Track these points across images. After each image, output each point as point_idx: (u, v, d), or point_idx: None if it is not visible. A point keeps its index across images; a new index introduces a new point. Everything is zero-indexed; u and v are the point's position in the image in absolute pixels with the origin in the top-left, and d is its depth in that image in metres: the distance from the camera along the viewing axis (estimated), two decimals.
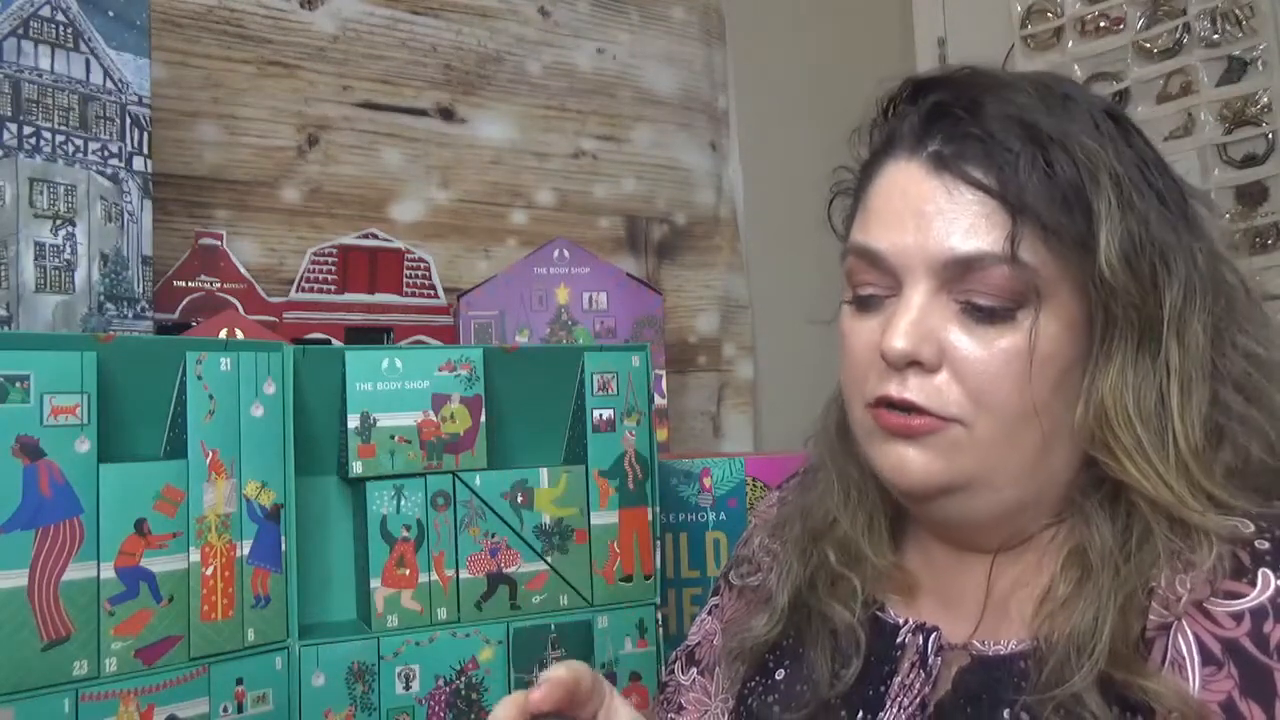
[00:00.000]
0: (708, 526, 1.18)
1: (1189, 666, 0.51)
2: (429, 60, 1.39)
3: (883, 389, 0.59)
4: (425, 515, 0.89)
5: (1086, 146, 0.56)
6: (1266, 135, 1.46)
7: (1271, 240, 1.46)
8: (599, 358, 0.97)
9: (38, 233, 0.89)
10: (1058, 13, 1.66)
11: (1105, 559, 0.55)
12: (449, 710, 0.88)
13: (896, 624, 0.65)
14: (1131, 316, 0.56)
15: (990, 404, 0.57)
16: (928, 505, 0.62)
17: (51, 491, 0.71)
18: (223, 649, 0.78)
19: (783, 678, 0.69)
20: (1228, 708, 0.49)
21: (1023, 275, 0.56)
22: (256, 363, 0.83)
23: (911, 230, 0.58)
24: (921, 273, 0.58)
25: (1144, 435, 0.55)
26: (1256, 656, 0.49)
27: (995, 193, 0.56)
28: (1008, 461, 0.58)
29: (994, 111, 0.57)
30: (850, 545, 0.68)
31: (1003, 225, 0.56)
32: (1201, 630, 0.51)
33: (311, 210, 1.28)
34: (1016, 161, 0.56)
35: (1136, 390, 0.55)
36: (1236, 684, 0.49)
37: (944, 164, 0.58)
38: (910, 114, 0.61)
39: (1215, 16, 1.50)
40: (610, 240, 1.52)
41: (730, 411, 1.60)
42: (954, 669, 0.61)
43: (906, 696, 0.61)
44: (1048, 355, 0.56)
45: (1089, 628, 0.53)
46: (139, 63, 0.98)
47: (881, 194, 0.61)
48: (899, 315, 0.58)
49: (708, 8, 1.66)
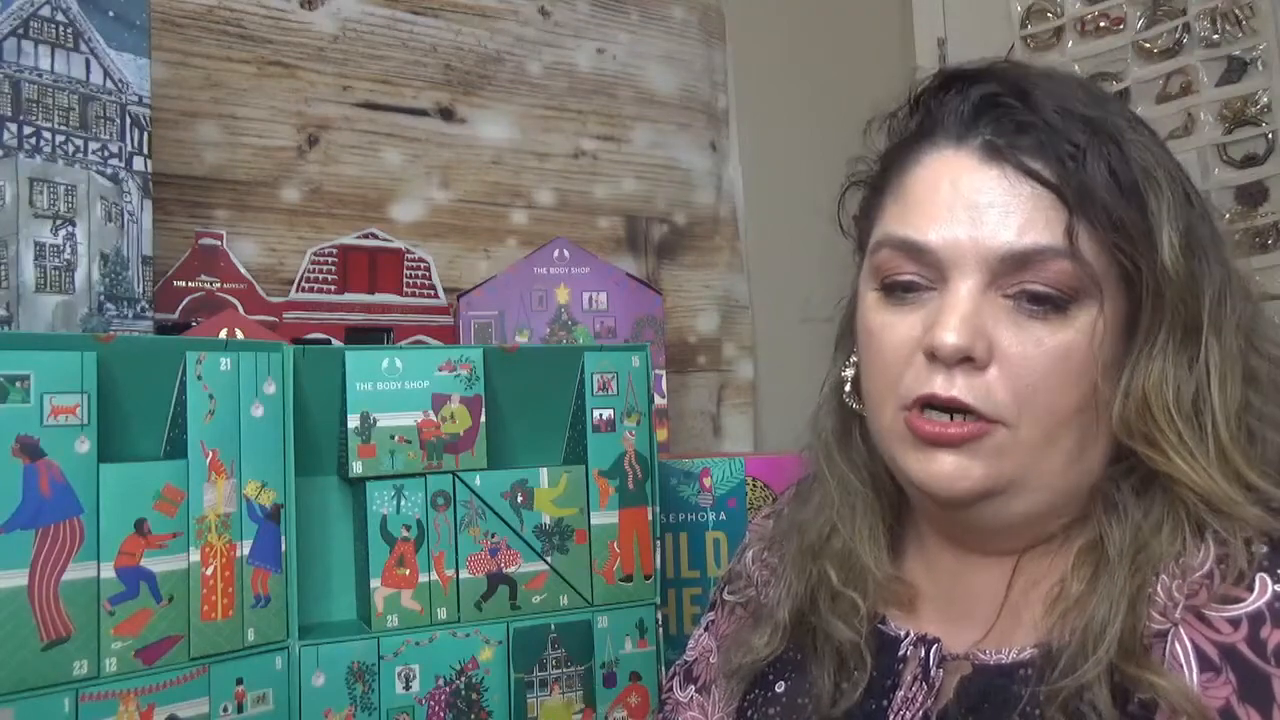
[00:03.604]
0: (708, 526, 1.18)
1: (1187, 673, 0.51)
2: (429, 60, 1.39)
3: (927, 388, 0.57)
4: (425, 515, 0.89)
5: (1141, 144, 0.56)
6: (1266, 135, 1.46)
7: (1271, 240, 1.46)
8: (599, 358, 0.97)
9: (38, 233, 0.89)
10: (1058, 13, 1.66)
11: (1123, 552, 0.55)
12: (449, 710, 0.88)
13: (898, 636, 0.64)
14: (1180, 311, 0.55)
15: (1038, 403, 0.55)
16: (963, 512, 0.60)
17: (51, 491, 0.71)
18: (223, 649, 0.78)
19: (784, 690, 0.68)
20: (1226, 713, 0.49)
21: (1080, 269, 0.55)
22: (256, 363, 0.83)
23: (965, 223, 0.56)
24: (973, 267, 0.56)
25: (1184, 428, 0.54)
26: (1254, 662, 0.49)
27: (1054, 185, 0.55)
28: (1048, 463, 0.57)
29: (1047, 103, 0.56)
30: (851, 559, 0.66)
31: (1060, 219, 0.55)
32: (1199, 636, 0.51)
33: (311, 210, 1.28)
34: (1079, 154, 0.55)
35: (1177, 384, 0.55)
36: (1235, 690, 0.49)
37: (999, 154, 0.56)
38: (954, 102, 0.59)
39: (1215, 16, 1.50)
40: (610, 240, 1.52)
41: (730, 411, 1.60)
42: (956, 679, 0.60)
43: (909, 710, 0.61)
44: (1096, 353, 0.56)
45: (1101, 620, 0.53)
46: (139, 63, 0.98)
47: (925, 184, 0.59)
48: (949, 310, 0.56)
49: (708, 8, 1.66)
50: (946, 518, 0.63)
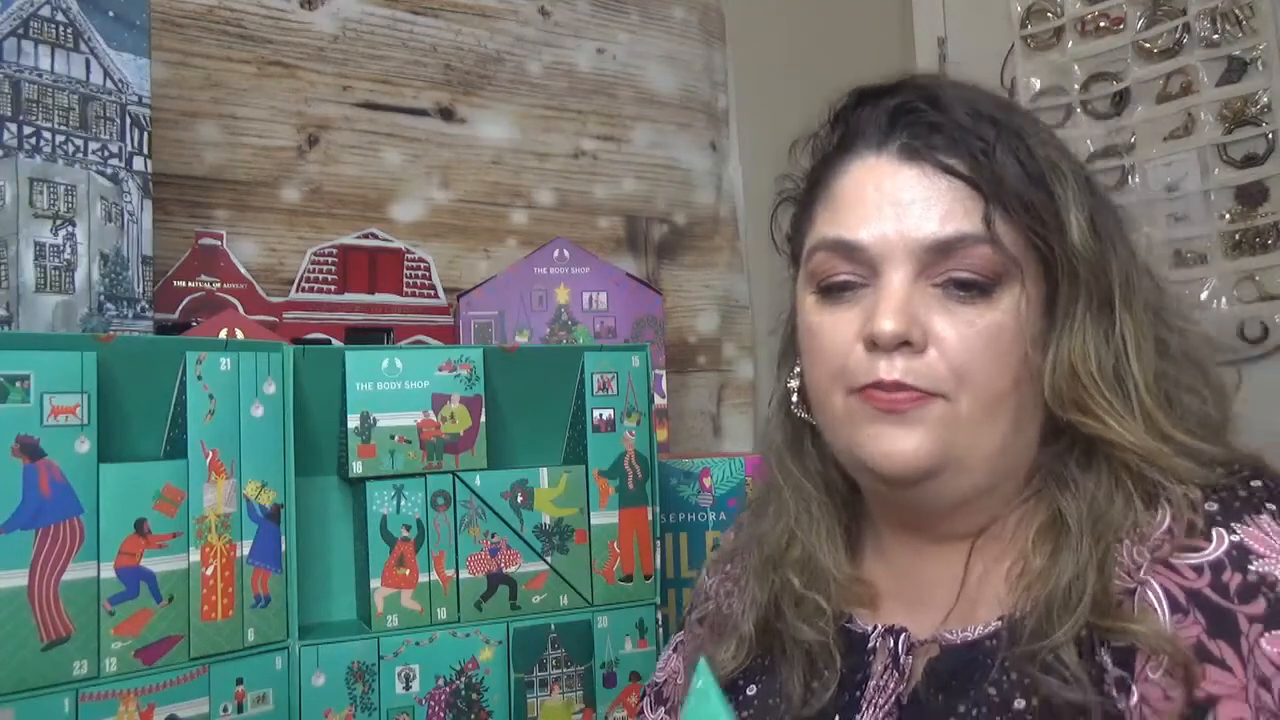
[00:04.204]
0: (708, 526, 1.18)
1: (1160, 615, 0.54)
2: (429, 60, 1.39)
3: (871, 375, 0.60)
4: (425, 515, 0.89)
5: (1043, 140, 0.62)
6: (1266, 135, 1.46)
7: (1272, 240, 1.46)
8: (599, 358, 0.97)
9: (38, 233, 0.89)
10: (1058, 13, 1.66)
11: (1082, 523, 0.58)
12: (449, 710, 0.88)
13: (866, 632, 0.66)
14: (1093, 287, 0.60)
15: (973, 380, 0.59)
16: (910, 491, 0.62)
17: (51, 491, 0.71)
18: (223, 649, 0.78)
19: (755, 693, 0.70)
20: (1198, 649, 0.52)
21: (1000, 254, 0.59)
22: (256, 363, 0.83)
23: (891, 219, 0.60)
24: (902, 259, 0.60)
25: (1109, 393, 0.59)
26: (1219, 602, 0.52)
27: (969, 178, 0.60)
28: (988, 438, 0.60)
29: (957, 106, 0.61)
30: (810, 564, 0.69)
31: (978, 209, 0.59)
32: (1168, 582, 0.54)
33: (311, 210, 1.28)
34: (989, 149, 0.59)
35: (1098, 354, 0.60)
36: (1204, 628, 0.52)
37: (917, 154, 0.61)
38: (871, 114, 0.64)
39: (1215, 16, 1.50)
40: (610, 240, 1.52)
41: (730, 411, 1.60)
42: (924, 661, 0.62)
43: (881, 696, 0.63)
44: (1023, 330, 0.60)
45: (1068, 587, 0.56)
46: (139, 63, 0.98)
47: (851, 189, 0.63)
48: (884, 300, 0.60)
49: (708, 8, 1.66)
50: (899, 505, 0.66)
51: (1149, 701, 0.52)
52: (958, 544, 0.64)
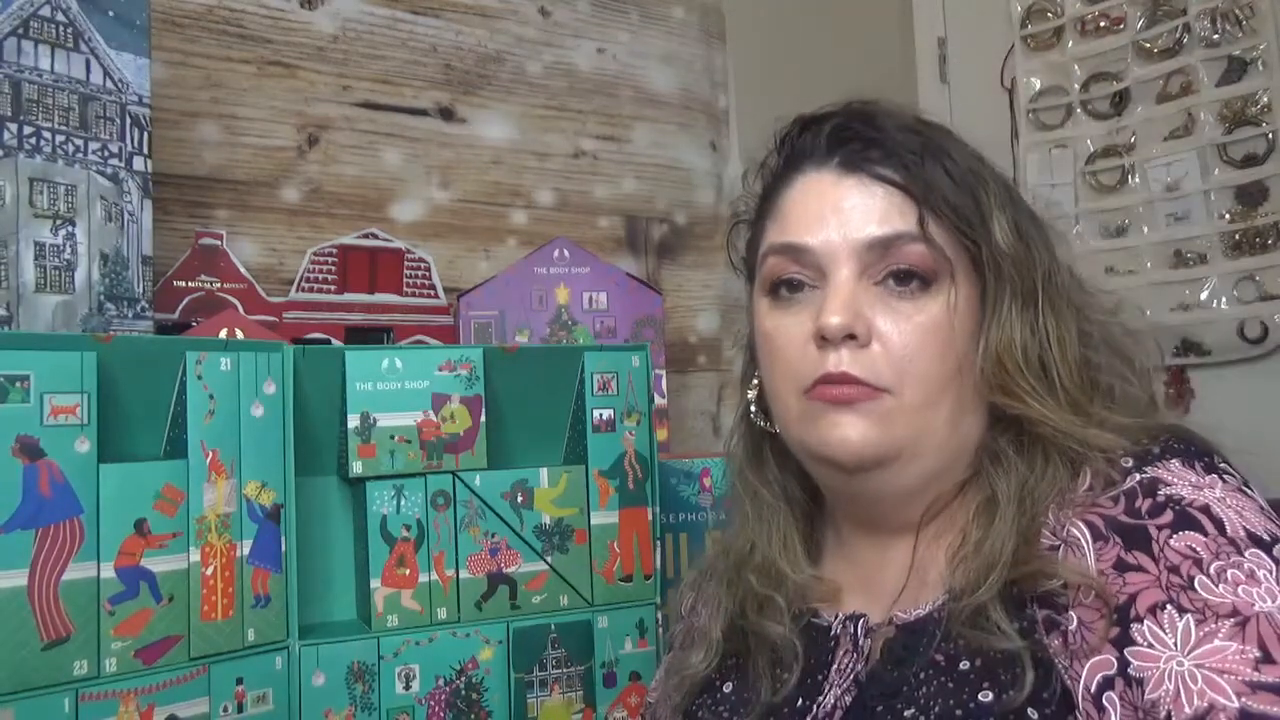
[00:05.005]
0: (708, 526, 1.18)
1: (1084, 545, 0.59)
2: (429, 60, 1.39)
3: (821, 369, 0.65)
4: (425, 515, 0.89)
5: (967, 153, 0.68)
6: (1266, 135, 1.46)
7: (1272, 240, 1.46)
8: (599, 358, 0.97)
9: (38, 233, 0.89)
10: (1058, 13, 1.66)
11: (1010, 495, 0.63)
12: (449, 710, 0.88)
13: (829, 623, 0.70)
14: (1017, 284, 0.66)
15: (915, 372, 0.64)
16: (865, 479, 0.67)
17: (51, 491, 0.71)
18: (223, 649, 0.78)
19: (731, 690, 0.73)
20: (1118, 564, 0.57)
21: (934, 251, 0.64)
22: (256, 363, 0.83)
23: (834, 225, 0.66)
24: (846, 259, 0.66)
25: (1034, 380, 0.65)
26: (1131, 523, 0.58)
27: (901, 185, 0.65)
28: (931, 427, 0.65)
29: (889, 124, 0.67)
30: (770, 568, 0.73)
31: (911, 212, 0.65)
32: (1089, 517, 0.60)
33: (311, 210, 1.28)
34: (919, 160, 0.66)
35: (1024, 344, 0.65)
36: (1121, 546, 0.57)
37: (855, 166, 0.67)
38: (812, 137, 0.70)
39: (1215, 16, 1.50)
40: (610, 240, 1.52)
41: (730, 411, 1.59)
42: (881, 642, 0.66)
43: (840, 677, 0.67)
44: (958, 324, 0.65)
45: (995, 551, 0.61)
46: (139, 63, 0.98)
47: (797, 201, 0.69)
48: (831, 297, 0.65)
49: (707, 8, 1.66)
50: (855, 497, 0.70)
51: (1085, 624, 0.57)
52: (911, 532, 0.69)
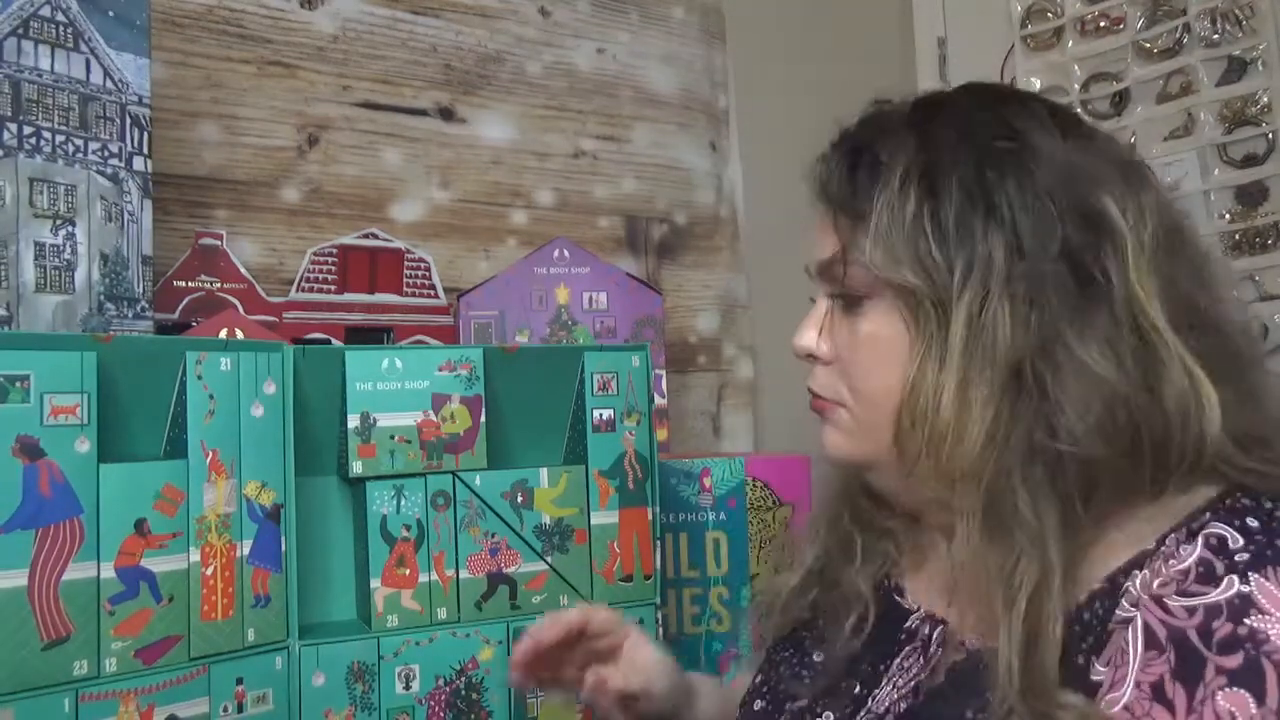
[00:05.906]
0: (708, 526, 1.18)
1: (1130, 652, 0.53)
2: (429, 60, 1.39)
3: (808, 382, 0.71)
4: (425, 515, 0.89)
5: (888, 147, 0.63)
6: (1266, 135, 1.46)
7: (1272, 240, 1.46)
8: (599, 358, 0.97)
9: (38, 233, 0.89)
10: (1058, 13, 1.66)
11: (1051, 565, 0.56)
12: (449, 710, 0.88)
13: (909, 610, 0.69)
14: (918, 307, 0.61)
15: (860, 388, 0.66)
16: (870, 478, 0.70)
17: (51, 491, 0.71)
18: (223, 649, 0.78)
19: (809, 646, 0.74)
20: (1157, 688, 0.51)
21: (855, 270, 0.64)
22: (256, 363, 0.83)
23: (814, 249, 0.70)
24: (819, 282, 0.70)
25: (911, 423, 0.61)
26: (1197, 646, 0.51)
27: (824, 201, 0.67)
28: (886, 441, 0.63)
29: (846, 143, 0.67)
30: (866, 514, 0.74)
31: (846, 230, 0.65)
32: (1153, 619, 0.53)
33: (311, 210, 1.28)
34: (828, 169, 0.67)
35: (917, 382, 0.60)
36: (1171, 668, 0.51)
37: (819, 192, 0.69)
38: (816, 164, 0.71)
39: (1215, 16, 1.50)
40: (610, 240, 1.51)
41: (730, 411, 1.60)
42: (951, 661, 0.64)
43: (902, 678, 0.65)
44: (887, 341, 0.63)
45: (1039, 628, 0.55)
46: (139, 63, 0.98)
47: None
48: (804, 320, 0.70)
49: (707, 8, 1.66)
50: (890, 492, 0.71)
51: None
52: None
